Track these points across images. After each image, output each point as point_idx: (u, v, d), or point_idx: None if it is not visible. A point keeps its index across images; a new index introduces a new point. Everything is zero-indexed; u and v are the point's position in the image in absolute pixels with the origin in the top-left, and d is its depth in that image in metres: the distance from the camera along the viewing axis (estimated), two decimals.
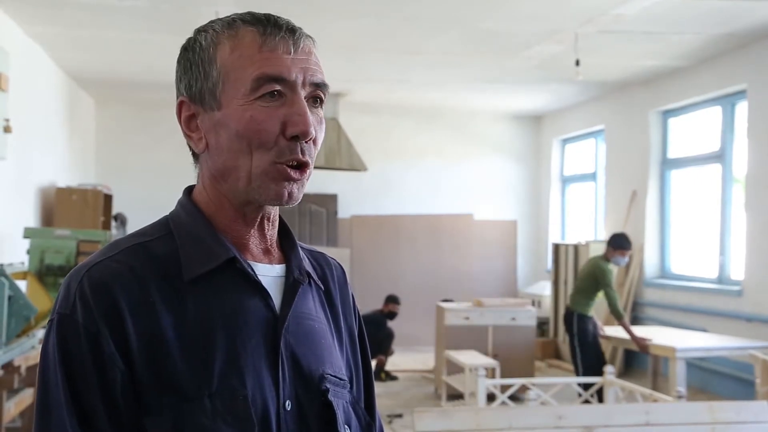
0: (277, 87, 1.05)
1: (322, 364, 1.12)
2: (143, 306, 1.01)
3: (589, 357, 6.27)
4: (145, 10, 5.89)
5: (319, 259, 1.24)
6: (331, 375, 1.12)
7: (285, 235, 1.17)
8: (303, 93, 1.06)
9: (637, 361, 8.08)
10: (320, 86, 1.09)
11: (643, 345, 6.06)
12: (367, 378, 1.25)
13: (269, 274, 1.11)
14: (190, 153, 1.14)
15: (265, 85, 1.04)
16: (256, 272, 1.09)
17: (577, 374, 6.30)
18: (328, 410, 1.10)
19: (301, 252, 1.17)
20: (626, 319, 6.32)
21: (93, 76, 8.46)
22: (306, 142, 1.06)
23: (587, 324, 6.34)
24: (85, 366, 0.98)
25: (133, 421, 0.99)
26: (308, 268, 1.16)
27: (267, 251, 1.13)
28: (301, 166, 1.07)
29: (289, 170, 1.05)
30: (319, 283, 1.19)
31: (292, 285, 1.11)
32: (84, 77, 8.54)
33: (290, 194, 1.06)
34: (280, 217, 1.17)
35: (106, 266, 1.03)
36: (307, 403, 1.08)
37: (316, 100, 1.09)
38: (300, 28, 1.09)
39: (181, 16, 6.02)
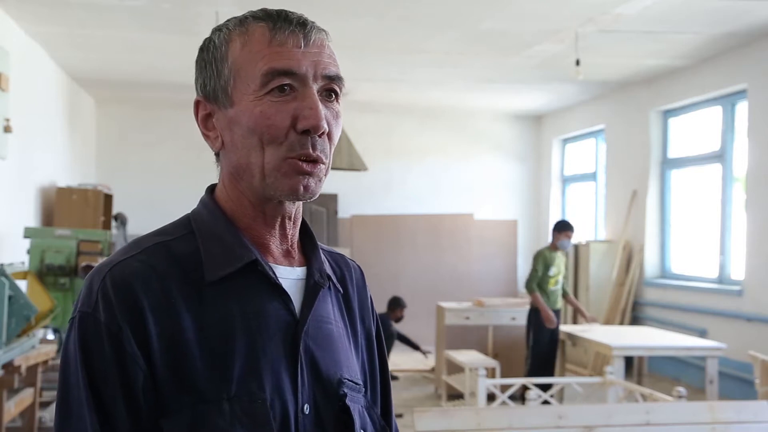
0: (287, 81, 1.04)
1: (340, 369, 1.11)
2: (164, 306, 1.01)
3: (538, 354, 6.46)
4: (146, 9, 5.89)
5: (338, 261, 1.23)
6: (348, 380, 1.12)
7: (306, 235, 1.16)
8: (315, 86, 1.05)
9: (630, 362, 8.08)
10: (334, 79, 1.07)
11: (547, 319, 6.37)
12: (384, 382, 1.24)
13: (290, 276, 1.10)
14: (213, 152, 1.13)
15: (275, 79, 1.03)
16: (277, 274, 1.08)
17: (526, 371, 6.48)
18: (345, 415, 1.09)
19: (321, 254, 1.16)
20: (538, 293, 6.50)
21: (93, 76, 8.46)
22: (319, 136, 1.05)
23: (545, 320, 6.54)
24: (107, 365, 0.98)
25: (153, 422, 0.99)
26: (328, 270, 1.15)
27: (288, 252, 1.12)
28: (315, 160, 1.05)
29: (301, 163, 1.04)
30: (338, 285, 1.18)
31: (312, 288, 1.11)
32: (84, 77, 8.54)
33: (306, 187, 1.05)
34: (303, 217, 1.16)
35: (128, 265, 1.02)
36: (325, 407, 1.08)
37: (330, 93, 1.07)
38: (312, 22, 1.08)
39: (182, 16, 6.02)
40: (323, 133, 1.05)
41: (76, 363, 0.99)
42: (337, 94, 1.08)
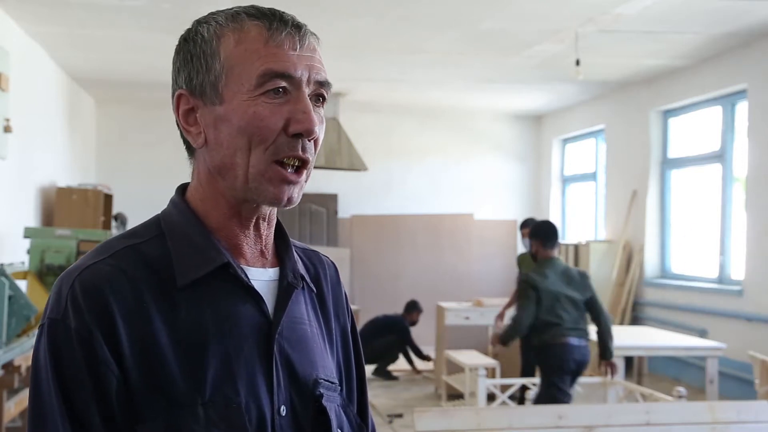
0: (283, 83, 1.02)
1: (316, 369, 1.10)
2: (136, 310, 0.99)
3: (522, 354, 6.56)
4: (146, 9, 5.89)
5: (312, 258, 1.21)
6: (324, 379, 1.11)
7: (280, 235, 1.15)
8: (307, 91, 1.04)
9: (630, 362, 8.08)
10: (324, 85, 1.06)
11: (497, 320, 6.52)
12: (360, 379, 1.23)
13: (262, 278, 1.08)
14: (185, 148, 1.11)
15: (271, 81, 1.02)
16: (249, 276, 1.06)
17: None
18: (322, 416, 1.08)
19: (294, 253, 1.15)
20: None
21: (93, 76, 8.46)
22: (309, 140, 1.04)
23: None
24: (79, 372, 0.96)
25: (127, 428, 0.97)
26: (301, 269, 1.14)
27: (262, 253, 1.10)
28: (301, 166, 1.04)
29: (286, 172, 1.03)
30: (311, 285, 1.16)
31: (285, 289, 1.09)
32: (84, 77, 8.54)
33: (290, 198, 1.04)
34: (276, 217, 1.14)
35: (98, 269, 1.00)
36: (302, 408, 1.07)
37: (318, 98, 1.06)
38: (305, 25, 1.07)
39: (182, 16, 6.01)
40: (313, 137, 1.04)
41: (47, 370, 0.97)
42: (324, 99, 1.08)
